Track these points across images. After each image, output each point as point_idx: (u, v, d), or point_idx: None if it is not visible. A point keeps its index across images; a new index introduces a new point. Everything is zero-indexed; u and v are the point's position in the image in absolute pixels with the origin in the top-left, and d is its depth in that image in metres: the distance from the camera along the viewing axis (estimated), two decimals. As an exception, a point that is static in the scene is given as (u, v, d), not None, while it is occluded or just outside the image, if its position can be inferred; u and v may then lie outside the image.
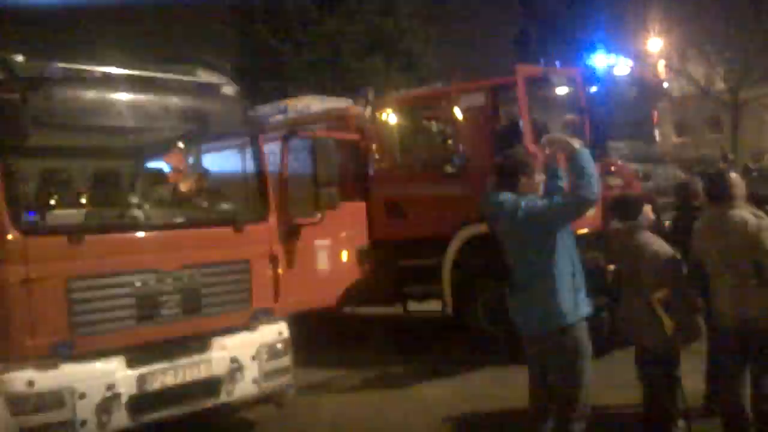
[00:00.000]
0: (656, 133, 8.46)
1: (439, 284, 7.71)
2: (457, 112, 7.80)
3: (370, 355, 7.66)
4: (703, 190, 5.25)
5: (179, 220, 5.24)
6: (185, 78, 5.40)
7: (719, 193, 4.39)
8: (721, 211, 4.34)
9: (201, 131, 5.76)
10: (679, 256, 4.56)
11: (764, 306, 4.13)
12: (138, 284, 4.67)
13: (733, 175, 4.50)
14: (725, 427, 4.39)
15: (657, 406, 4.51)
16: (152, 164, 6.63)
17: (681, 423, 4.54)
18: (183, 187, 5.82)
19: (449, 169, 7.89)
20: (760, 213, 4.34)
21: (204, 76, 5.69)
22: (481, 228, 6.87)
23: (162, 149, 6.54)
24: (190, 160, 6.39)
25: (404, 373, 7.06)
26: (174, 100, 5.19)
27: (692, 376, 4.91)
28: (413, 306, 8.39)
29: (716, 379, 4.82)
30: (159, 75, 5.17)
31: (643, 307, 4.40)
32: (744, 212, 4.27)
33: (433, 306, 8.06)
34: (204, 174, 6.12)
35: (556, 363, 3.96)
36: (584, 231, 6.18)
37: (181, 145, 6.31)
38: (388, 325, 8.56)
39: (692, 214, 5.34)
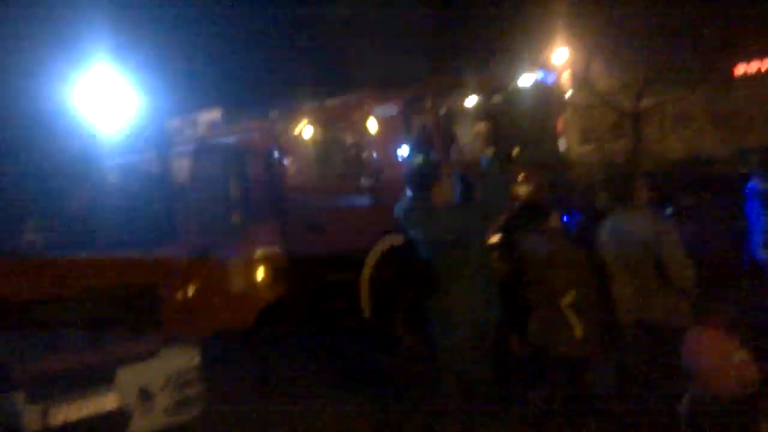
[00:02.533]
0: (561, 141, 8.72)
1: (359, 298, 7.67)
2: (371, 124, 7.81)
3: (290, 375, 7.49)
4: (608, 193, 5.43)
5: (80, 243, 5.00)
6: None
7: (622, 195, 4.56)
8: (623, 213, 4.50)
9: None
10: (585, 260, 4.70)
11: (666, 308, 4.29)
12: (37, 313, 4.42)
13: (636, 179, 4.69)
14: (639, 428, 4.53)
15: (570, 410, 4.60)
16: (52, 184, 6.30)
17: (594, 425, 4.65)
18: (85, 207, 5.57)
19: (365, 181, 7.87)
20: (661, 215, 4.53)
21: None
22: (399, 239, 6.89)
23: (63, 167, 6.23)
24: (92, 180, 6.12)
25: (327, 392, 6.95)
26: None
27: (606, 376, 5.04)
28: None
29: (626, 377, 4.97)
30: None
31: (553, 312, 4.49)
32: (645, 215, 4.44)
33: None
34: (109, 193, 5.88)
35: (474, 363, 4.00)
36: (495, 239, 6.28)
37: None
38: (308, 342, 8.43)
39: (597, 217, 5.52)
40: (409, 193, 4.27)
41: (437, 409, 4.32)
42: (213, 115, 9.31)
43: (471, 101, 8.07)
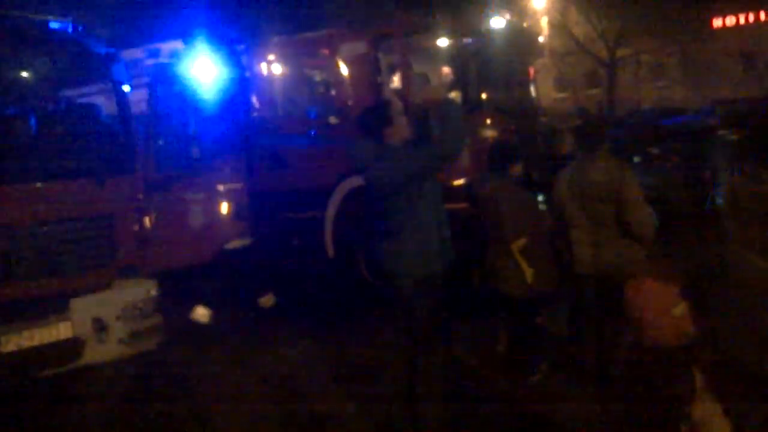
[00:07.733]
0: (532, 87, 8.64)
1: (322, 236, 7.66)
2: (339, 61, 7.66)
3: (249, 311, 7.52)
4: (574, 139, 5.43)
5: (34, 172, 4.86)
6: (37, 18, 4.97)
7: (585, 143, 4.56)
8: (585, 160, 4.50)
9: (58, 77, 5.35)
10: (540, 205, 4.74)
11: (619, 253, 4.33)
12: None
13: (598, 126, 4.70)
14: (587, 372, 4.64)
15: (519, 352, 4.70)
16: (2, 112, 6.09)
17: (543, 367, 4.76)
18: (38, 136, 5.39)
19: (333, 119, 7.77)
20: (622, 162, 4.54)
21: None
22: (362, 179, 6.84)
23: (15, 96, 6.02)
24: (47, 107, 5.92)
25: (286, 328, 7.00)
26: (25, 44, 4.78)
27: (556, 323, 5.14)
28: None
29: (576, 325, 5.06)
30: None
31: (505, 256, 4.54)
32: (607, 162, 4.44)
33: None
34: (63, 123, 5.70)
35: (424, 308, 4.02)
36: (460, 182, 6.27)
37: (38, 91, 5.81)
38: (269, 280, 8.44)
39: (559, 163, 5.52)
40: (361, 134, 4.21)
41: (388, 349, 4.36)
42: (175, 45, 9.03)
43: (442, 42, 7.95)
